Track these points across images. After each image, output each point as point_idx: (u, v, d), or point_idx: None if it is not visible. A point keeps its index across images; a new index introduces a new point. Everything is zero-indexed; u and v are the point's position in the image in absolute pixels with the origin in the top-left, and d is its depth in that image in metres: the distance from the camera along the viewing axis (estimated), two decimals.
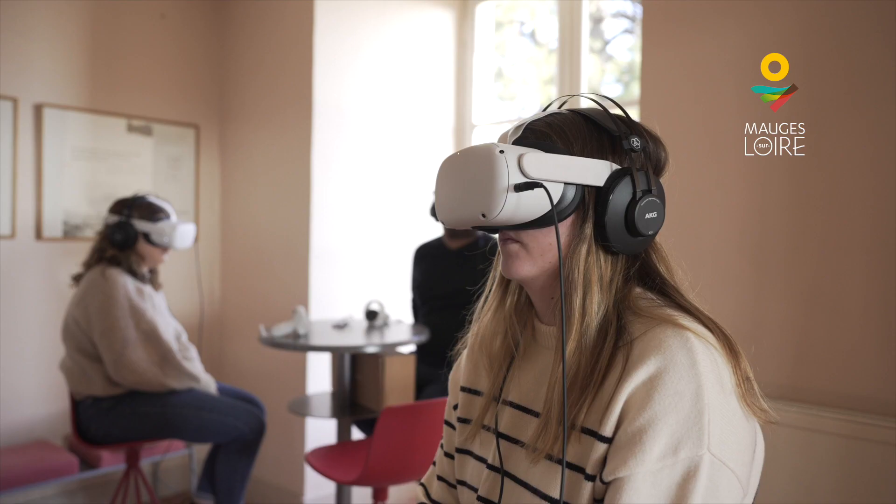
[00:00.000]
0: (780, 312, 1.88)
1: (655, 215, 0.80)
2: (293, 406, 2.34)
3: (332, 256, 3.06)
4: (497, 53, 3.56)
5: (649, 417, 0.69)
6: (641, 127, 0.85)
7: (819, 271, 1.81)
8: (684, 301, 0.80)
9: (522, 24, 3.60)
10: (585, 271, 0.78)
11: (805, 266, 1.84)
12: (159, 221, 2.33)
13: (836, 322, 1.78)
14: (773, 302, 1.90)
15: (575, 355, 0.77)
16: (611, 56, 3.23)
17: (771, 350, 1.89)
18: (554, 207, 0.74)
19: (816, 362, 1.82)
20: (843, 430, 1.68)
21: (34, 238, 2.93)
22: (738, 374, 0.74)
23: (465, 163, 0.78)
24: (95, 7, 3.10)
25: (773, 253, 1.90)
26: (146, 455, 2.79)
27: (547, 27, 3.39)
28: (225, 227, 3.58)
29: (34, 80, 2.91)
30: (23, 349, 2.86)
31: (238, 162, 3.48)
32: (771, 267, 1.90)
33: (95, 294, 2.16)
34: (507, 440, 0.85)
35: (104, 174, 3.14)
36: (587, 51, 2.93)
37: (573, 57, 2.93)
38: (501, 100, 3.62)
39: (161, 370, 2.17)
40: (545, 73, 3.41)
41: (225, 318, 3.54)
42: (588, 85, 2.99)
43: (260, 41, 3.33)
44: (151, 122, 3.29)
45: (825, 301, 1.80)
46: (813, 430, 1.73)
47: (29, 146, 2.90)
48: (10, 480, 2.49)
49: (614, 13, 3.18)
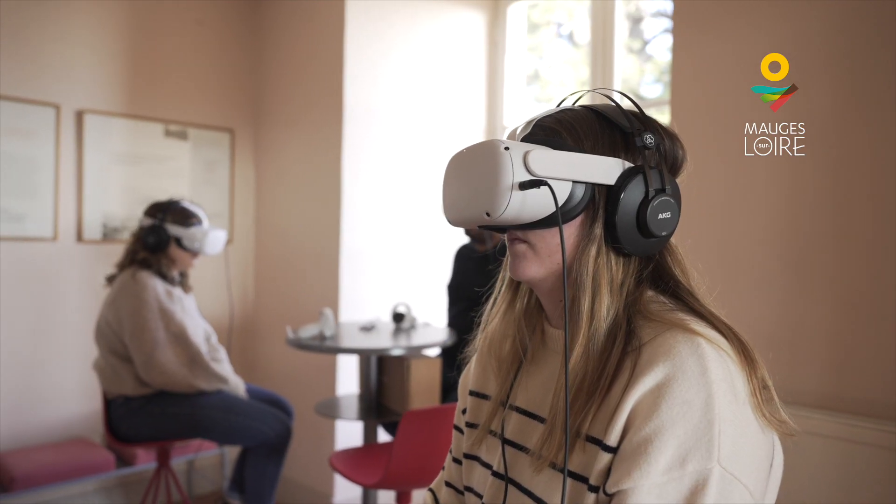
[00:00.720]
0: (819, 317, 1.80)
1: (669, 216, 0.76)
2: (320, 408, 2.35)
3: (362, 258, 3.07)
4: (534, 55, 3.53)
5: (656, 427, 0.65)
6: (656, 123, 0.81)
7: (862, 274, 1.73)
8: (698, 305, 0.76)
9: (560, 26, 3.55)
10: (594, 273, 0.75)
11: (847, 269, 1.76)
12: (191, 227, 2.36)
13: (881, 328, 1.70)
14: (811, 306, 1.82)
15: (582, 360, 0.74)
16: (650, 56, 3.17)
17: (809, 357, 1.81)
18: (558, 206, 0.72)
19: (858, 370, 1.74)
20: (887, 442, 1.60)
21: (75, 240, 3.01)
22: (754, 382, 0.70)
23: (470, 160, 0.75)
24: (134, 15, 3.18)
25: (812, 256, 1.82)
26: (181, 453, 2.84)
27: (584, 28, 3.34)
28: (259, 230, 3.62)
29: (75, 87, 3.00)
30: (64, 348, 2.94)
31: (272, 165, 3.53)
32: (809, 270, 1.83)
33: (126, 296, 2.20)
34: (512, 447, 0.83)
35: (142, 178, 3.21)
36: (621, 50, 2.88)
37: (606, 57, 2.88)
38: (538, 102, 3.58)
39: (190, 371, 2.21)
40: (583, 74, 3.37)
41: (258, 319, 3.59)
42: (626, 85, 2.93)
43: (293, 45, 3.37)
44: (188, 126, 3.36)
45: (868, 306, 1.72)
46: (854, 442, 1.65)
47: (70, 151, 2.99)
48: (49, 476, 2.57)
49: (654, 13, 3.11)
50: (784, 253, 1.87)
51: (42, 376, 2.92)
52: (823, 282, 1.80)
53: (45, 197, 2.91)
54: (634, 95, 2.86)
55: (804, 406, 1.77)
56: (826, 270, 1.79)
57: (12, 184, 2.83)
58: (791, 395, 1.83)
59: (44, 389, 2.92)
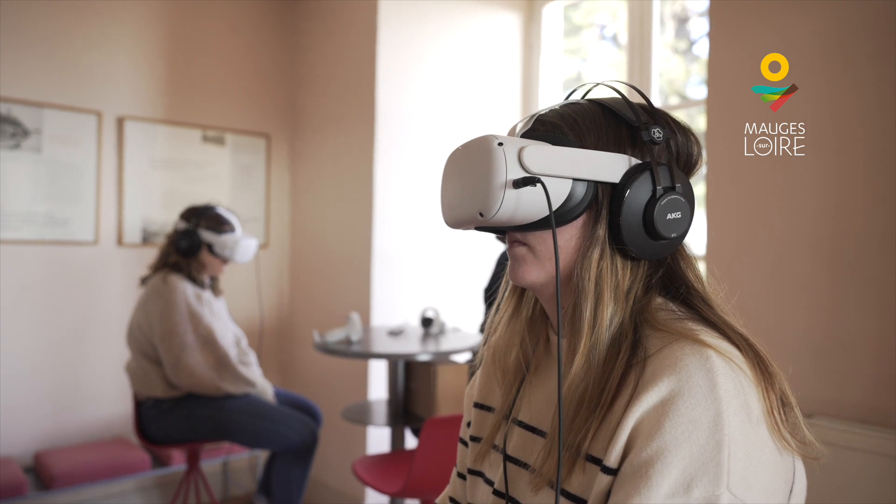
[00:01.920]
0: (867, 327, 1.69)
1: (680, 216, 0.71)
2: (346, 413, 2.33)
3: (394, 262, 3.05)
4: (577, 57, 3.46)
5: (658, 448, 0.60)
6: (668, 117, 0.76)
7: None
8: (711, 313, 0.70)
9: (603, 28, 3.48)
10: (597, 278, 0.70)
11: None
12: (223, 234, 2.37)
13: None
14: (859, 315, 1.71)
15: (583, 372, 0.69)
16: (697, 56, 3.07)
17: (854, 368, 1.70)
18: (551, 206, 0.67)
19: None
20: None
21: (116, 244, 3.08)
22: (771, 399, 0.64)
23: (464, 157, 0.71)
24: (172, 24, 3.24)
25: (861, 262, 1.71)
26: (214, 455, 2.87)
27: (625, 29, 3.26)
28: (294, 234, 3.65)
29: (116, 94, 3.08)
30: (104, 350, 3.01)
31: (307, 169, 3.55)
32: (857, 277, 1.72)
33: (157, 299, 2.23)
34: (514, 463, 0.78)
35: (180, 183, 3.27)
36: (659, 50, 2.79)
37: (644, 57, 2.79)
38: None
39: (217, 374, 2.22)
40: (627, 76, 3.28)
41: (293, 323, 3.61)
42: (672, 87, 2.85)
43: (327, 50, 3.38)
44: (225, 131, 3.41)
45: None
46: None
47: (112, 157, 3.06)
48: (87, 475, 2.62)
49: (701, 12, 3.02)
50: (831, 258, 1.76)
51: (83, 377, 3.00)
52: (872, 289, 1.69)
53: (87, 202, 2.99)
54: (680, 97, 2.77)
55: (849, 420, 1.67)
56: (876, 277, 1.68)
57: (56, 189, 2.91)
58: (836, 408, 1.73)
59: (84, 390, 3.00)
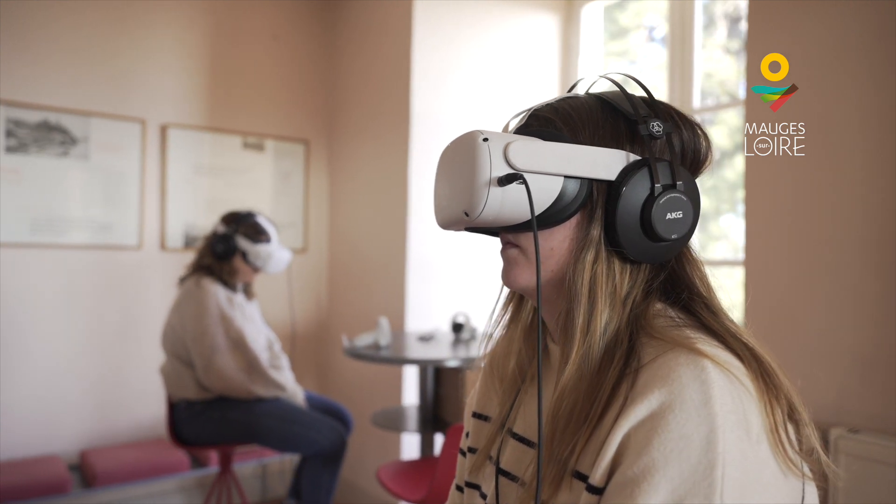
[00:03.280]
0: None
1: (681, 215, 0.66)
2: (376, 418, 2.32)
3: (428, 267, 3.03)
4: (625, 60, 3.38)
5: (646, 466, 0.55)
6: (672, 110, 0.71)
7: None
8: (713, 320, 0.65)
9: (652, 30, 3.39)
10: (591, 282, 0.66)
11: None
12: (259, 244, 2.39)
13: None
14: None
15: (574, 381, 0.65)
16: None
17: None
18: (532, 205, 0.63)
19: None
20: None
21: (159, 248, 3.16)
22: (775, 416, 0.58)
23: (452, 155, 0.68)
24: (213, 33, 3.32)
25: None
26: (249, 457, 2.90)
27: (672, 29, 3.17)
28: (332, 239, 3.68)
29: (160, 103, 3.16)
30: (147, 352, 3.08)
31: (345, 175, 3.57)
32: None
33: (189, 302, 2.27)
34: (506, 477, 0.74)
35: (221, 189, 3.34)
36: (700, 49, 2.70)
37: (685, 56, 2.70)
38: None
39: (248, 377, 2.24)
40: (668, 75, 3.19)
41: (331, 327, 3.63)
42: (723, 88, 2.76)
43: (364, 56, 3.40)
44: (265, 138, 3.46)
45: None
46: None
47: (155, 164, 3.15)
48: (127, 474, 2.69)
49: None
50: (881, 264, 1.65)
51: (128, 378, 3.08)
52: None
53: (131, 207, 3.08)
54: (731, 97, 2.66)
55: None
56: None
57: (102, 195, 3.01)
58: (884, 423, 1.62)
59: (129, 391, 3.08)
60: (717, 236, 2.78)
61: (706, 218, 2.70)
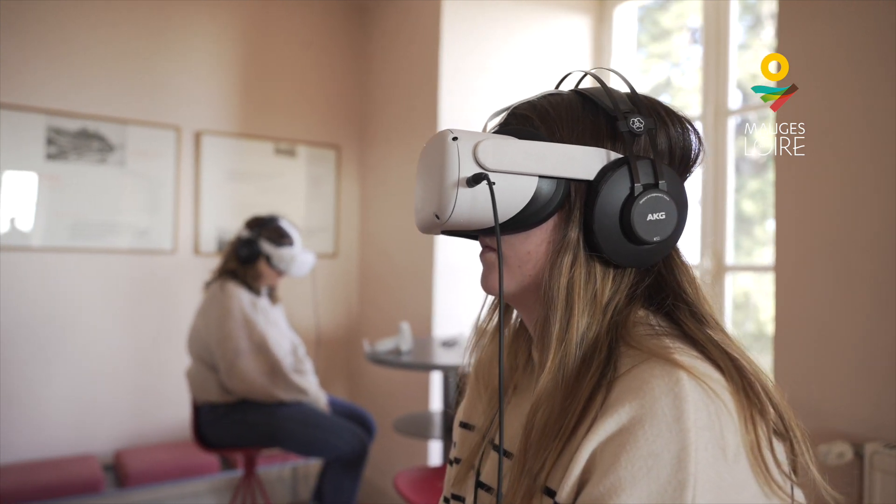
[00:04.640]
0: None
1: (664, 216, 0.62)
2: (398, 424, 2.31)
3: (456, 273, 3.01)
4: (668, 62, 3.31)
5: (612, 485, 0.52)
6: (659, 106, 0.67)
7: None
8: (695, 329, 0.61)
9: (695, 31, 3.31)
10: (568, 287, 0.63)
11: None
12: (282, 247, 2.41)
13: None
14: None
15: (549, 391, 0.62)
16: None
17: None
18: (496, 207, 0.60)
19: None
20: None
21: (192, 253, 3.22)
22: (757, 433, 0.54)
23: (425, 155, 0.67)
24: (246, 40, 3.37)
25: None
26: (275, 461, 2.92)
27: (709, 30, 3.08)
28: (363, 244, 3.69)
29: (194, 110, 3.23)
30: (181, 354, 3.13)
31: (375, 180, 3.58)
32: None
33: (214, 306, 2.30)
34: (485, 491, 0.71)
35: (254, 194, 3.38)
36: (735, 49, 2.61)
37: (720, 55, 2.62)
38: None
39: (270, 380, 2.25)
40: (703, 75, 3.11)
41: (361, 331, 3.64)
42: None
43: (395, 62, 3.41)
44: (296, 144, 3.50)
45: None
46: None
47: (189, 170, 3.21)
48: (158, 475, 2.74)
49: None
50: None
51: (162, 379, 3.14)
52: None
53: (166, 212, 3.15)
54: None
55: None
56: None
57: (138, 201, 3.08)
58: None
59: (163, 392, 3.14)
60: (763, 241, 2.68)
61: (751, 223, 2.61)
